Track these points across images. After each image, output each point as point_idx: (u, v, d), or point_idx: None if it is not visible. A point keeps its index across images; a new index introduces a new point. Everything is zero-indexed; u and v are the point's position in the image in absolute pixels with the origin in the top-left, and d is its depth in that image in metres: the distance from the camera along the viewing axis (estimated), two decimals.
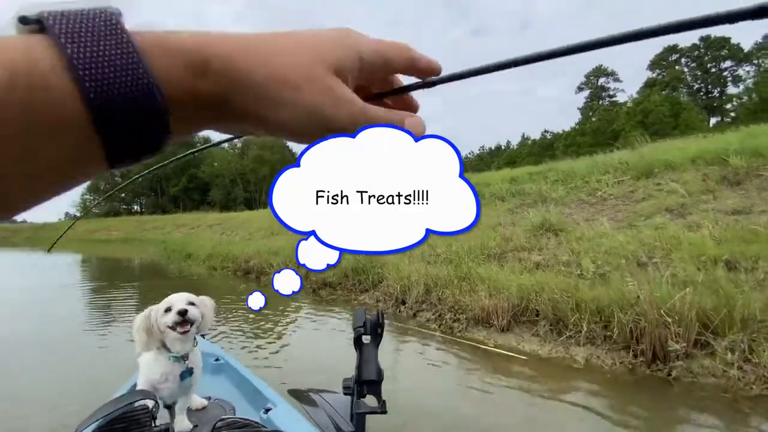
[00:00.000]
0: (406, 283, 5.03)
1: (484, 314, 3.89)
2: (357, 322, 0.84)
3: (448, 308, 4.28)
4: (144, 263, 14.14)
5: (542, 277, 4.10)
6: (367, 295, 5.78)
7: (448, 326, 4.25)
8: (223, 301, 6.55)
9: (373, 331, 0.82)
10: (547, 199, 8.38)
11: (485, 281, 4.21)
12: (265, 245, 9.67)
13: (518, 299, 3.80)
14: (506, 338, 3.86)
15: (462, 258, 5.21)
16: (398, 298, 5.13)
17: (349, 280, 6.12)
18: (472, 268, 4.65)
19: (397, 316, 5.05)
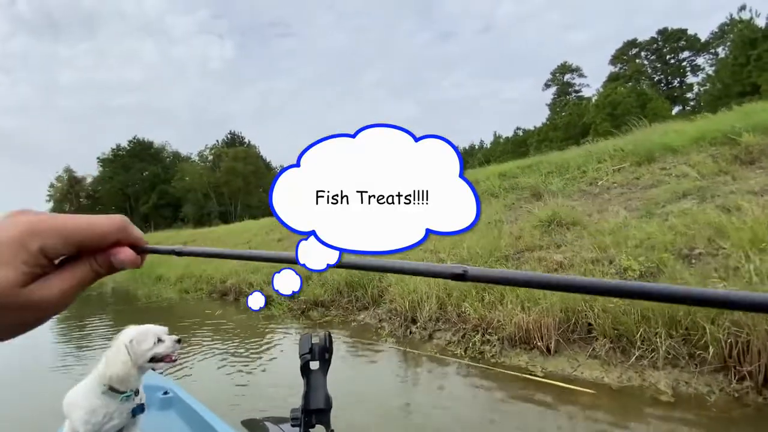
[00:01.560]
0: (413, 297, 4.29)
1: (522, 333, 3.18)
2: (303, 348, 0.78)
3: (473, 327, 3.54)
4: (110, 290, 12.83)
5: None
6: (366, 313, 4.98)
7: (476, 350, 3.50)
8: (193, 330, 5.64)
9: (320, 357, 0.76)
10: (545, 192, 7.87)
11: (513, 290, 3.52)
12: (243, 262, 8.73)
13: (562, 311, 3.10)
14: (556, 363, 3.08)
15: (473, 263, 4.52)
16: (406, 315, 4.36)
17: (344, 296, 5.32)
18: None
19: (407, 338, 4.26)
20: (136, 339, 1.49)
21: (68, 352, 5.67)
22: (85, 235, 0.37)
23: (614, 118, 44.88)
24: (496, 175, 10.35)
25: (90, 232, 0.37)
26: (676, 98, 59.63)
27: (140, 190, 59.91)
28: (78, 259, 0.37)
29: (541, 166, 9.82)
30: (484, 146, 79.85)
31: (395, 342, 4.22)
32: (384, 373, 3.63)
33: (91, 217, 0.38)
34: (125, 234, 0.39)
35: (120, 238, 0.39)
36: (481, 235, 5.67)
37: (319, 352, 0.79)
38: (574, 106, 56.07)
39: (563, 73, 68.63)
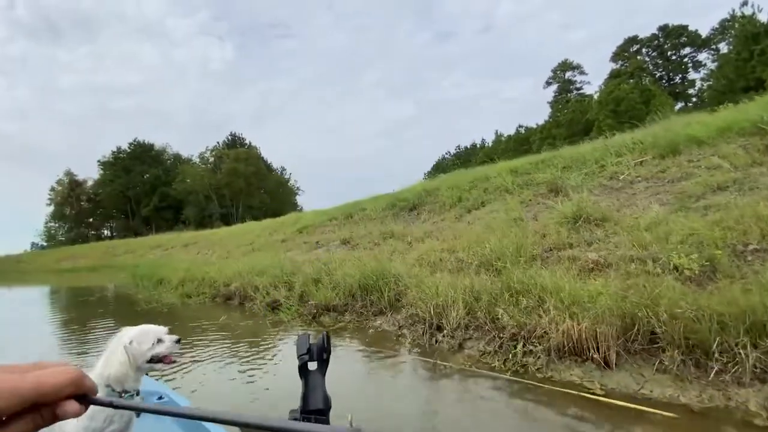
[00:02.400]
0: (437, 300, 3.93)
1: (572, 343, 2.82)
2: (301, 348, 0.76)
3: (510, 335, 3.16)
4: (108, 295, 12.51)
5: (617, 281, 3.11)
6: (383, 319, 4.59)
7: (518, 363, 3.02)
8: (196, 336, 5.31)
9: (318, 357, 0.75)
10: (563, 188, 7.53)
11: (552, 292, 3.16)
12: (247, 264, 8.40)
13: (619, 317, 2.71)
14: (617, 379, 2.60)
15: (502, 262, 4.16)
16: (430, 321, 3.91)
17: (357, 300, 4.96)
18: (523, 274, 3.57)
19: (433, 348, 3.79)
20: (136, 339, 1.45)
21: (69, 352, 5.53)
22: (40, 394, 0.37)
23: (618, 114, 44.53)
24: (507, 171, 10.01)
25: (45, 392, 0.38)
26: (678, 94, 59.47)
27: (141, 193, 59.69)
28: (22, 414, 0.38)
29: (555, 161, 9.48)
30: (486, 145, 79.56)
31: (420, 352, 3.75)
32: (410, 388, 3.26)
33: (44, 374, 0.38)
34: (78, 387, 0.40)
35: (72, 391, 0.40)
36: (502, 233, 5.33)
37: (317, 352, 0.77)
38: (576, 103, 55.73)
39: (564, 70, 68.56)
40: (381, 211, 12.25)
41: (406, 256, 6.12)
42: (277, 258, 8.60)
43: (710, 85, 50.63)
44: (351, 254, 7.37)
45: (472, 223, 7.25)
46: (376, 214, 12.25)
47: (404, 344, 3.93)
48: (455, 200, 9.75)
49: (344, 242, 9.94)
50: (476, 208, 8.48)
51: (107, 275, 21.14)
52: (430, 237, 7.39)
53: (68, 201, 61.19)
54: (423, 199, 11.18)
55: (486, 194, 9.07)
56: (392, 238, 8.47)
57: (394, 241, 8.02)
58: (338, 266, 6.05)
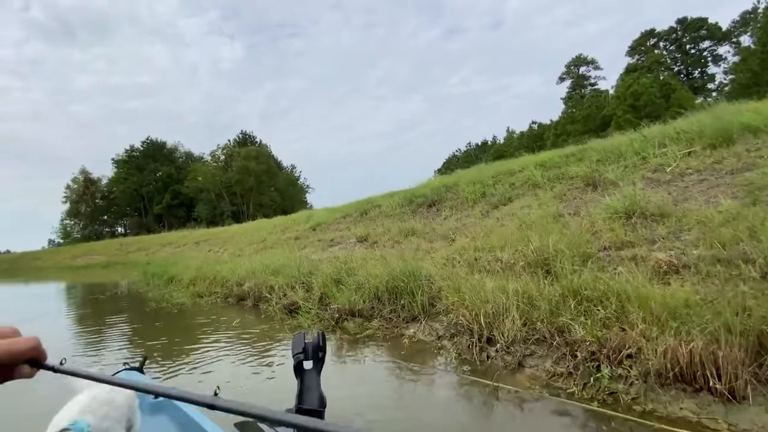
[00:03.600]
0: (485, 308, 3.30)
1: (679, 366, 2.17)
2: (296, 347, 0.79)
3: (588, 353, 2.62)
4: (118, 293, 12.26)
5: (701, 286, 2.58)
6: (417, 326, 4.05)
7: (603, 389, 2.38)
8: (207, 339, 4.90)
9: (314, 356, 0.78)
10: (601, 181, 6.94)
11: (635, 300, 2.62)
12: (260, 263, 7.98)
13: (743, 336, 2.14)
14: (751, 415, 1.99)
15: (555, 263, 3.61)
16: (478, 332, 3.29)
17: (386, 305, 4.45)
18: (592, 277, 3.02)
19: (485, 365, 3.14)
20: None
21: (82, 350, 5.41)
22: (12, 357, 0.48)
23: (636, 109, 43.25)
24: (533, 165, 9.43)
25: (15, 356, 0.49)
26: (697, 89, 57.92)
27: (154, 191, 60.18)
28: None
29: (587, 154, 8.88)
30: (497, 142, 78.33)
31: (470, 371, 3.09)
32: (464, 417, 2.57)
33: (16, 342, 0.50)
34: (38, 353, 0.52)
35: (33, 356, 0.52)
36: (544, 230, 4.79)
37: (313, 351, 0.77)
38: (592, 98, 54.42)
39: (578, 65, 67.28)
40: (397, 208, 11.77)
41: (433, 255, 5.61)
42: (292, 256, 8.17)
43: (733, 78, 49.13)
44: (371, 253, 6.89)
45: (502, 219, 6.71)
46: (391, 211, 11.77)
47: (447, 359, 3.33)
48: (478, 195, 9.21)
49: (361, 240, 9.47)
50: (503, 203, 7.93)
51: (120, 272, 21.10)
52: (456, 234, 6.87)
53: (83, 199, 61.99)
54: (442, 195, 10.65)
55: (513, 189, 8.51)
56: (413, 236, 7.97)
57: (416, 239, 7.52)
58: (359, 265, 5.57)
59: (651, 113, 37.21)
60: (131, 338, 5.87)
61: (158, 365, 4.26)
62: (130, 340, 5.75)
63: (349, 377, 3.39)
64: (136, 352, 4.98)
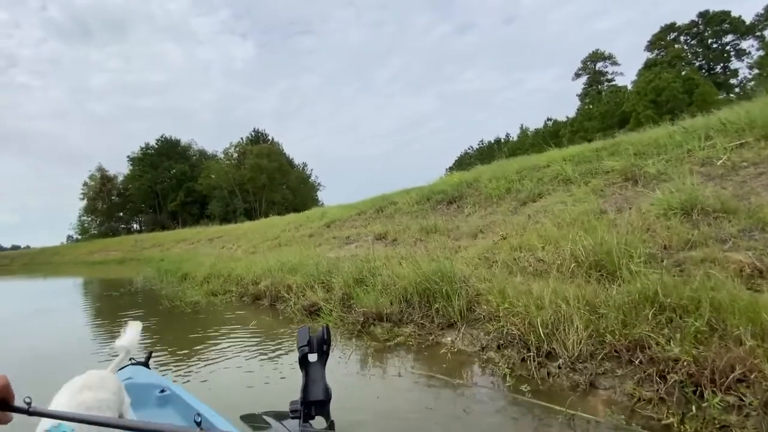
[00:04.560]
0: (541, 315, 2.82)
1: None
2: (301, 340, 0.78)
3: (685, 375, 2.16)
4: (131, 290, 12.14)
5: None
6: (454, 334, 3.59)
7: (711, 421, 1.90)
8: (220, 341, 4.59)
9: (319, 349, 0.75)
10: (642, 176, 6.44)
11: (732, 310, 2.15)
12: (277, 261, 7.67)
13: None
14: None
15: (618, 264, 3.16)
16: (535, 344, 2.82)
17: (416, 309, 4.05)
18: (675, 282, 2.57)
19: (545, 384, 2.65)
20: None
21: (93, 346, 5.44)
22: None
23: (658, 105, 41.92)
24: (561, 159, 8.94)
25: None
26: (720, 84, 56.15)
27: (168, 188, 60.85)
28: None
29: (620, 147, 8.35)
30: (511, 139, 77.10)
31: (529, 390, 2.57)
32: None
33: None
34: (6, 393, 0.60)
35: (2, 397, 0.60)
36: (584, 227, 4.35)
37: (318, 344, 0.76)
38: (611, 94, 53.00)
39: (595, 61, 65.86)
40: (414, 205, 11.38)
41: (462, 253, 5.21)
42: (308, 254, 7.86)
43: (758, 73, 47.43)
44: (393, 251, 6.52)
45: (535, 216, 6.26)
46: (409, 208, 11.40)
47: (497, 375, 2.86)
48: (503, 191, 8.76)
49: (379, 237, 9.11)
50: (532, 199, 7.47)
51: (134, 268, 21.19)
52: (483, 232, 6.45)
53: (100, 196, 63.03)
54: (463, 191, 10.22)
55: (540, 184, 8.04)
56: (435, 233, 7.58)
57: (439, 237, 7.12)
58: (383, 264, 5.21)
59: (673, 109, 35.97)
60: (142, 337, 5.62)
61: (180, 371, 3.97)
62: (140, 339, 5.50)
63: (377, 391, 2.97)
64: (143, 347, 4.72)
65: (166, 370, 3.94)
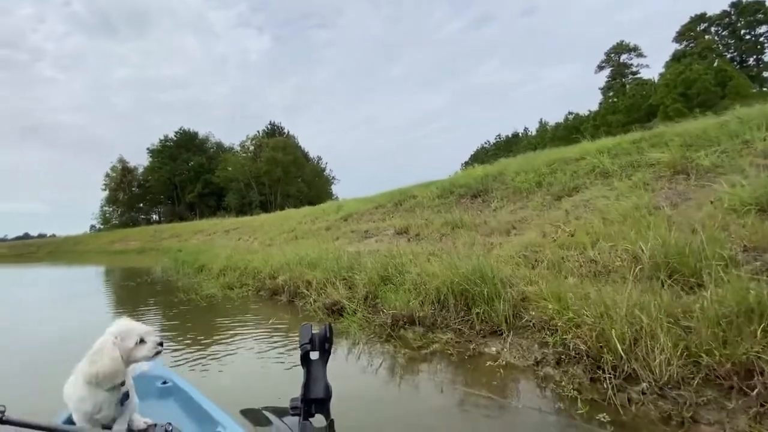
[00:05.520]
0: (616, 327, 2.34)
1: None
2: (303, 338, 0.79)
3: None
4: (149, 280, 12.09)
5: None
6: (500, 343, 3.14)
7: None
8: (236, 337, 4.28)
9: (321, 347, 0.77)
10: (693, 168, 5.86)
11: None
12: (295, 255, 7.38)
13: None
14: None
15: (699, 266, 2.72)
16: (610, 363, 2.34)
17: (452, 312, 3.64)
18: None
19: (627, 413, 2.18)
20: (120, 336, 1.41)
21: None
22: None
23: (688, 98, 40.08)
24: (595, 151, 8.36)
25: None
26: (753, 77, 53.56)
27: (186, 180, 61.68)
28: None
29: (663, 138, 7.73)
30: (529, 133, 75.33)
31: (609, 421, 2.12)
32: None
33: None
34: None
35: None
36: (638, 225, 3.87)
37: (320, 342, 0.76)
38: (637, 87, 51.01)
39: (619, 53, 63.60)
40: (435, 199, 10.94)
41: (497, 251, 4.78)
42: (327, 248, 7.54)
43: None
44: (418, 247, 6.12)
45: (573, 211, 5.77)
46: (429, 202, 10.96)
47: (563, 398, 2.36)
48: (533, 185, 8.25)
49: (400, 232, 8.72)
50: (568, 194, 6.95)
51: (153, 257, 21.41)
52: (516, 228, 5.99)
53: (121, 187, 64.34)
54: (488, 185, 9.72)
55: (575, 178, 7.50)
56: (462, 228, 7.14)
57: (466, 232, 6.69)
58: (410, 261, 4.82)
59: (704, 102, 34.27)
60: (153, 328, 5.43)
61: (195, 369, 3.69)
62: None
63: (415, 409, 2.54)
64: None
65: (172, 363, 3.77)
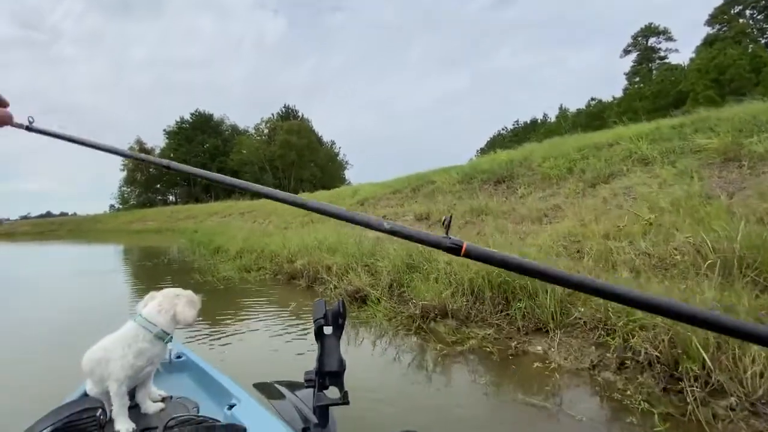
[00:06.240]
0: (693, 330, 1.99)
1: None
2: (317, 313, 0.79)
3: None
4: (165, 260, 12.13)
5: None
6: (544, 340, 2.81)
7: None
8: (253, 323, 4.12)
9: (334, 322, 0.77)
10: (746, 155, 5.39)
11: None
12: (313, 239, 7.19)
13: None
14: None
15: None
16: (691, 372, 1.99)
17: (488, 306, 3.35)
18: None
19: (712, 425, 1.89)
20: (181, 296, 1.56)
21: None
22: None
23: (720, 84, 38.16)
24: (631, 137, 7.85)
25: None
26: None
27: (202, 162, 62.21)
28: None
29: (706, 124, 7.19)
30: (548, 120, 73.23)
31: None
32: None
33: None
34: None
35: None
36: (696, 214, 3.51)
37: (333, 317, 0.76)
38: (666, 72, 48.80)
39: (647, 36, 60.73)
40: (456, 184, 10.58)
41: (531, 241, 4.48)
42: (346, 232, 7.32)
43: None
44: (441, 234, 5.84)
45: (612, 199, 5.39)
46: (450, 188, 10.61)
47: (631, 410, 2.07)
48: (563, 171, 7.83)
49: (420, 218, 8.44)
50: (603, 181, 6.54)
51: (170, 238, 21.67)
52: (548, 216, 5.65)
53: (139, 167, 65.31)
54: (513, 171, 9.31)
55: (610, 165, 7.06)
56: (487, 215, 6.82)
57: (493, 220, 6.37)
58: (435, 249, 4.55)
59: (737, 89, 32.53)
60: None
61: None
62: None
63: (454, 417, 2.33)
64: None
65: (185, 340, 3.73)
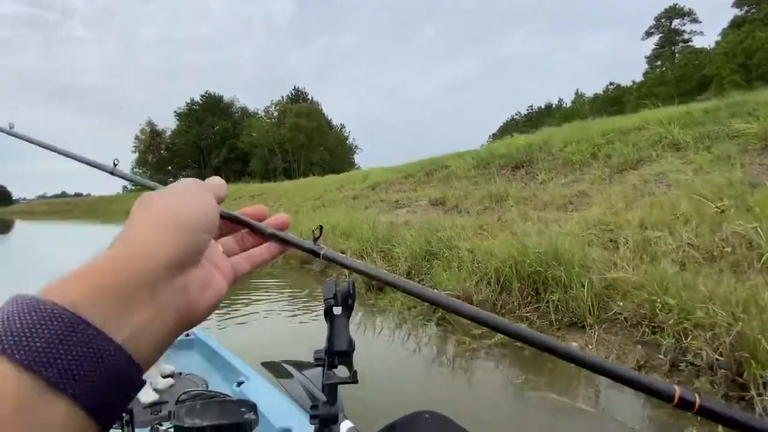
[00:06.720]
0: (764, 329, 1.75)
1: None
2: (327, 293, 0.74)
3: None
4: None
5: None
6: (580, 336, 2.54)
7: None
8: (270, 308, 3.98)
9: (344, 302, 0.73)
10: None
11: None
12: (325, 222, 7.06)
13: None
14: None
15: None
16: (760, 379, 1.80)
17: (516, 297, 3.14)
18: None
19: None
20: None
21: None
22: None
23: (747, 69, 36.52)
24: (660, 121, 7.45)
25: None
26: None
27: (212, 144, 62.37)
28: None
29: (743, 108, 6.76)
30: (563, 105, 71.41)
31: None
32: None
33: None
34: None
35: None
36: (742, 203, 3.24)
37: (342, 297, 0.73)
38: (690, 55, 46.84)
39: (671, 17, 58.03)
40: (472, 169, 10.28)
41: (557, 228, 4.24)
42: (358, 217, 7.15)
43: None
44: (460, 220, 5.62)
45: (643, 186, 5.09)
46: (465, 173, 10.32)
47: (687, 419, 1.88)
48: (587, 156, 7.49)
49: (435, 203, 8.21)
50: (631, 167, 6.21)
51: None
52: (574, 203, 5.38)
53: (150, 149, 65.77)
54: (533, 155, 8.98)
55: (638, 150, 6.70)
56: (506, 201, 6.56)
57: (515, 206, 6.12)
58: (456, 235, 4.35)
59: (765, 74, 31.08)
60: None
61: None
62: None
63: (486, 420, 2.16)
64: None
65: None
